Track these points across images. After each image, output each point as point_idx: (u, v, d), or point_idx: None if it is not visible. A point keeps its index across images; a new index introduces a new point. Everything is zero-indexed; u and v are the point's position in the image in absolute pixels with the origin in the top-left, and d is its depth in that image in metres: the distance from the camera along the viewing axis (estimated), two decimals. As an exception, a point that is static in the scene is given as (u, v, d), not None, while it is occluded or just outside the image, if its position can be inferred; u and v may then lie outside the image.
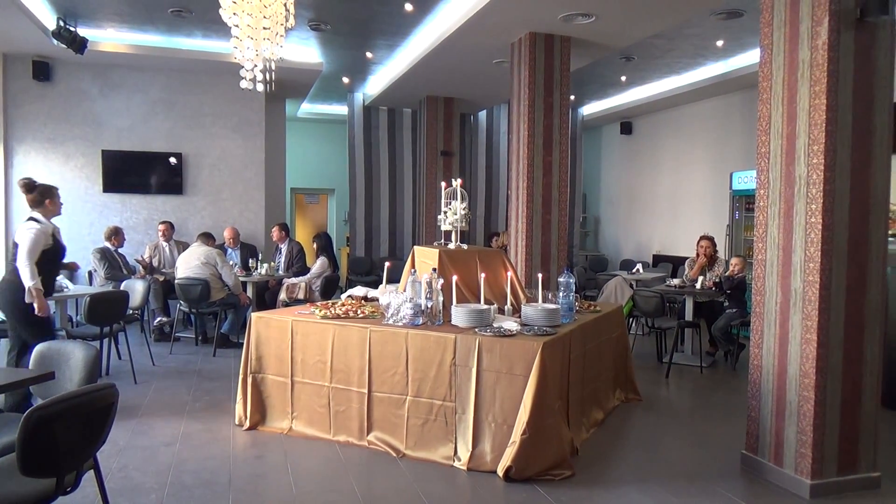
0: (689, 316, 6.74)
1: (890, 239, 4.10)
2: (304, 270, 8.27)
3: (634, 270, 9.33)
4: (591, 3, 6.16)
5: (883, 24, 3.51)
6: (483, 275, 4.50)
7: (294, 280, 7.90)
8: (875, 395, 3.69)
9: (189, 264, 7.19)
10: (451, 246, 4.84)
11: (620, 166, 13.12)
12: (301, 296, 7.67)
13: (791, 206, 3.65)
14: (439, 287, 4.26)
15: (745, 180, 8.83)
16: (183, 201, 9.38)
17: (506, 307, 4.53)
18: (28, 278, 4.47)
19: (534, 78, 7.00)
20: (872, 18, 3.44)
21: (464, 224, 4.90)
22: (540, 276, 4.78)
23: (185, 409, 4.96)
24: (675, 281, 7.20)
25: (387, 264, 5.13)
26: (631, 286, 8.16)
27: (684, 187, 11.20)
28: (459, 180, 5.06)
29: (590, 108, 12.42)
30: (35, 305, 4.51)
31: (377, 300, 4.75)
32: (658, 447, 4.42)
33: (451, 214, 4.88)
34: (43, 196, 4.68)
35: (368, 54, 8.97)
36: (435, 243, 5.07)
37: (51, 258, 4.68)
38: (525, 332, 3.98)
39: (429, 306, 4.20)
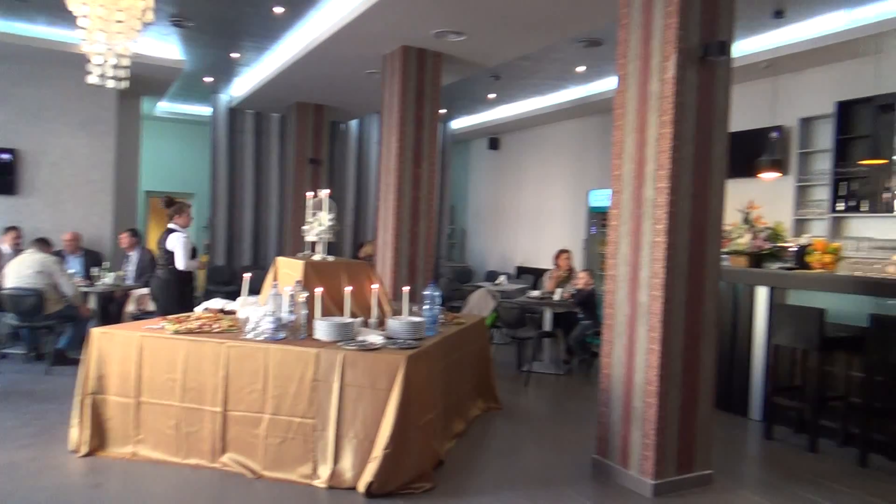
0: (547, 326, 7.04)
1: (722, 256, 4.52)
2: (157, 280, 7.72)
3: (498, 282, 9.58)
4: (462, 22, 6.30)
5: (722, 64, 3.88)
6: (349, 288, 4.42)
7: (144, 291, 7.35)
8: (709, 399, 4.02)
9: (20, 273, 6.46)
10: (317, 257, 4.72)
11: (487, 180, 13.52)
12: (152, 308, 7.15)
13: (639, 226, 3.91)
14: (303, 300, 4.13)
15: (601, 198, 9.40)
16: (16, 202, 8.47)
17: (370, 320, 4.48)
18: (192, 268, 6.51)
19: (405, 91, 7.03)
20: (713, 58, 3.80)
21: (331, 235, 4.79)
22: (405, 288, 4.78)
23: (10, 436, 4.42)
24: (536, 292, 7.49)
25: (246, 275, 4.86)
26: (494, 297, 8.38)
27: (546, 202, 11.73)
28: (327, 190, 4.95)
29: (459, 123, 12.70)
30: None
31: (235, 313, 4.52)
32: (516, 455, 4.54)
33: (317, 225, 4.76)
34: (177, 211, 6.41)
35: (234, 55, 8.61)
36: (299, 254, 4.92)
37: (192, 256, 6.54)
38: (390, 345, 3.95)
39: (291, 320, 4.06)
